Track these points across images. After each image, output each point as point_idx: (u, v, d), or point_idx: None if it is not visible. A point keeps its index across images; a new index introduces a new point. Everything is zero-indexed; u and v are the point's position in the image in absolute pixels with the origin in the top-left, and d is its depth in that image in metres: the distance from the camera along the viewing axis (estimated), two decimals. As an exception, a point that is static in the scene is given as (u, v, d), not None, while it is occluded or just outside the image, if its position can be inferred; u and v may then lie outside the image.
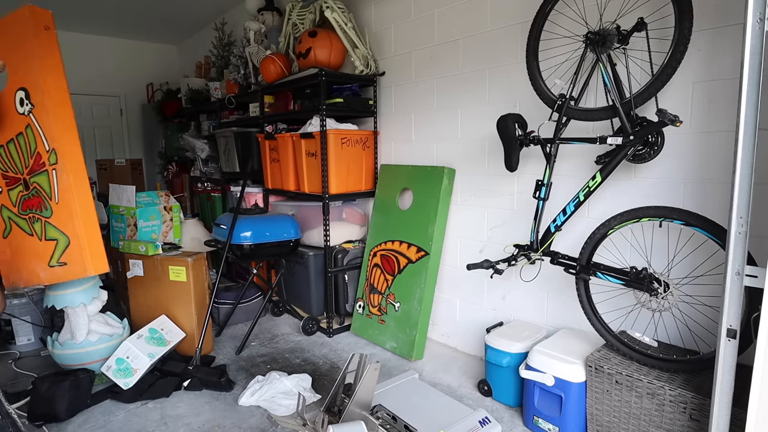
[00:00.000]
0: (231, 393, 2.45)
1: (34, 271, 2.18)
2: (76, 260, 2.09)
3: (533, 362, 2.06)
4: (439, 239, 2.85)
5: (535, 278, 2.39)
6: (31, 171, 2.14)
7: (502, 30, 2.52)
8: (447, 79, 2.85)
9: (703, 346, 1.83)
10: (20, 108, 2.08)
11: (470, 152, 2.76)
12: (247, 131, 3.71)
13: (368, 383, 1.96)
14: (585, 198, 1.98)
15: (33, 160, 2.12)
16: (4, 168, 2.22)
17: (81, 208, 2.09)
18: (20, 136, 2.12)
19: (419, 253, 2.87)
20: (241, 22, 4.43)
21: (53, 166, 2.08)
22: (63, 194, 2.09)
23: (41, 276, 2.17)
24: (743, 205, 1.29)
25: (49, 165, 2.08)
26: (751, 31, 1.24)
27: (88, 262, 2.09)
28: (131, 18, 5.40)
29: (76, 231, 2.08)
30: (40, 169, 2.11)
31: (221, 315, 3.39)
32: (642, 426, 1.77)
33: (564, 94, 2.03)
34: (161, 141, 6.02)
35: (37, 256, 2.17)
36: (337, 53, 3.26)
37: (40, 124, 2.06)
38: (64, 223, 2.10)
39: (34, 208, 2.17)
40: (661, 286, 1.77)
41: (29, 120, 2.06)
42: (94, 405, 2.34)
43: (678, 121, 1.65)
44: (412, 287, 2.87)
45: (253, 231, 3.04)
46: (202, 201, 4.85)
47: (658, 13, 1.86)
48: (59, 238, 2.12)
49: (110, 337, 2.59)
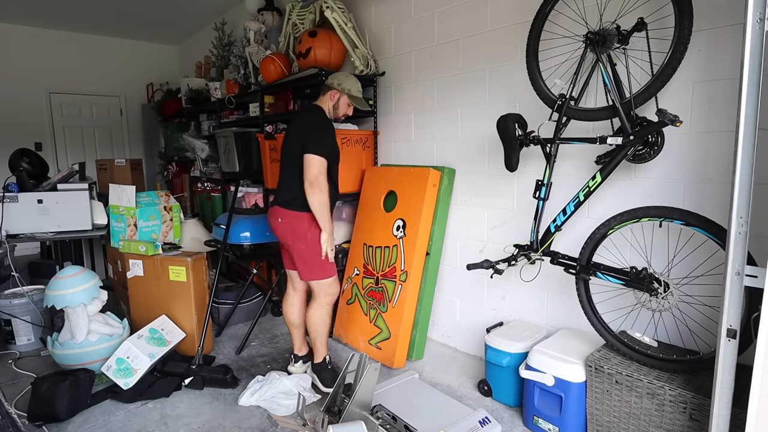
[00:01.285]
0: (231, 393, 2.45)
1: (357, 338, 2.95)
2: (389, 351, 2.74)
3: (533, 362, 2.06)
4: (439, 239, 2.85)
5: (535, 278, 2.38)
6: (384, 275, 2.88)
7: (502, 30, 2.52)
8: (447, 79, 2.85)
9: (703, 346, 1.83)
10: (396, 232, 2.86)
11: (470, 152, 2.76)
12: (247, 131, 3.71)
13: (368, 383, 1.97)
14: (585, 198, 1.98)
15: (389, 269, 2.85)
16: (366, 261, 3.01)
17: (406, 318, 2.72)
18: (387, 249, 2.90)
19: (420, 254, 2.89)
20: (241, 22, 4.43)
21: (402, 282, 2.76)
22: (400, 303, 2.75)
23: (360, 345, 2.92)
24: (743, 205, 1.29)
25: (399, 280, 2.77)
26: (751, 31, 1.24)
27: (395, 356, 2.70)
28: (131, 18, 5.40)
29: (398, 333, 2.71)
30: (391, 278, 2.83)
31: (221, 315, 3.39)
32: (642, 426, 1.77)
33: (564, 94, 2.03)
34: (161, 141, 6.02)
35: (363, 331, 2.93)
36: (337, 53, 3.26)
37: (405, 251, 2.78)
38: (392, 322, 2.77)
39: (375, 299, 2.91)
40: (661, 286, 1.77)
41: (398, 243, 2.83)
42: (94, 405, 2.34)
43: (678, 121, 1.65)
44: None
45: (252, 231, 3.04)
46: (202, 201, 4.84)
47: (658, 13, 1.86)
48: (383, 330, 2.81)
49: (110, 337, 2.59)
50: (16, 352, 2.98)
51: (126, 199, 3.12)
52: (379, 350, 2.79)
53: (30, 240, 3.15)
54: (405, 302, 2.72)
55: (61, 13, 5.17)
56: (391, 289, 2.82)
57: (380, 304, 2.86)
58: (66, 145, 6.10)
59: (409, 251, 2.76)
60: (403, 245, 2.80)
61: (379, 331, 2.82)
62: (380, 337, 2.81)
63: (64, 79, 5.95)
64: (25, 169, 3.26)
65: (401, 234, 2.82)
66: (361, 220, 3.14)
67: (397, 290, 2.78)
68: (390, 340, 2.75)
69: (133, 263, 2.91)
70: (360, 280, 3.04)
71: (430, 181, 2.75)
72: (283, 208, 2.35)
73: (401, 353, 2.72)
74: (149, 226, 3.15)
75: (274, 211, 2.40)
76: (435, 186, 2.78)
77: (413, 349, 2.81)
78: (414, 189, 2.81)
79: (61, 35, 5.85)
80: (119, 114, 6.48)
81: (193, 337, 2.80)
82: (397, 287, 2.78)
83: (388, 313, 2.80)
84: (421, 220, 2.73)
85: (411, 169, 2.92)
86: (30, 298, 3.02)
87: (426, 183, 2.75)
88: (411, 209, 2.80)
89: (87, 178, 3.82)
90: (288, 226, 2.34)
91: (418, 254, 2.74)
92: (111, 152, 6.39)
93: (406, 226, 2.80)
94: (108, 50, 6.18)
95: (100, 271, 4.30)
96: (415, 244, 2.73)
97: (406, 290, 2.73)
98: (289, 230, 2.34)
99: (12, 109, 5.63)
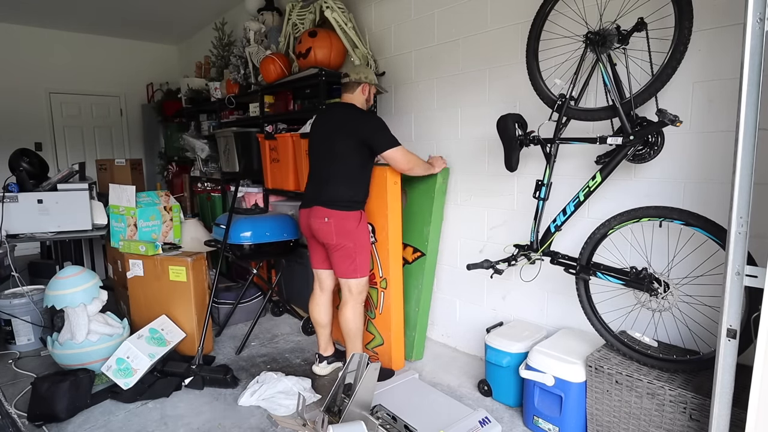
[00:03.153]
0: (231, 393, 2.45)
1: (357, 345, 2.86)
2: (384, 356, 2.75)
3: (533, 362, 2.06)
4: (435, 239, 2.84)
5: (535, 278, 2.38)
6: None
7: (502, 30, 2.52)
8: (447, 79, 2.85)
9: (703, 346, 1.83)
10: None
11: (470, 152, 2.76)
12: (247, 131, 3.71)
13: (368, 383, 1.97)
14: (585, 198, 1.98)
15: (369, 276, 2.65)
16: None
17: (395, 324, 2.70)
18: None
19: (415, 254, 2.86)
20: (241, 22, 4.43)
21: (383, 289, 2.71)
22: (386, 309, 2.72)
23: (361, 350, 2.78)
24: (743, 205, 1.29)
25: (380, 287, 2.73)
26: (751, 31, 1.24)
27: (392, 361, 2.71)
28: (132, 18, 5.40)
29: (389, 338, 2.71)
30: (372, 286, 2.75)
31: (221, 315, 3.39)
32: (642, 426, 1.77)
33: (564, 94, 2.03)
34: (161, 141, 6.02)
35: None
36: (337, 53, 3.26)
37: (380, 257, 2.69)
38: (382, 328, 2.76)
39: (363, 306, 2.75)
40: (661, 286, 1.77)
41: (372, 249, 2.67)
42: (94, 405, 2.34)
43: (678, 121, 1.65)
44: (409, 288, 2.86)
45: (253, 231, 3.04)
46: (202, 201, 4.85)
47: (658, 13, 1.86)
48: (376, 336, 2.80)
49: (110, 337, 2.59)
50: (16, 352, 2.98)
51: (126, 199, 3.12)
52: (375, 355, 2.80)
53: (30, 240, 3.15)
54: (390, 308, 2.68)
55: (61, 13, 5.17)
56: (375, 297, 2.77)
57: (368, 311, 2.82)
58: (66, 145, 6.10)
59: (384, 257, 2.67)
60: (377, 251, 2.71)
61: (372, 337, 2.82)
62: (374, 342, 2.81)
63: (64, 79, 5.95)
64: (25, 169, 3.26)
65: (372, 239, 2.70)
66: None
67: (380, 297, 2.74)
68: (384, 345, 2.74)
69: (133, 263, 2.91)
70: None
71: (390, 179, 2.58)
72: (328, 208, 2.36)
73: (397, 357, 2.71)
74: (149, 226, 3.15)
75: (317, 211, 2.38)
76: (396, 184, 2.62)
77: (412, 349, 2.81)
78: (374, 190, 2.60)
79: (61, 35, 5.85)
80: (119, 114, 6.48)
81: (193, 337, 2.80)
82: (380, 294, 2.73)
83: (376, 319, 2.78)
84: (388, 223, 2.61)
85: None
86: (30, 298, 3.02)
87: (386, 182, 2.58)
88: (377, 213, 2.67)
89: (87, 178, 3.82)
90: (334, 225, 2.36)
91: (394, 259, 2.66)
92: (111, 152, 6.39)
93: (375, 230, 2.70)
94: (108, 50, 6.18)
95: (100, 271, 4.30)
96: (388, 249, 2.63)
97: (389, 297, 2.68)
98: (335, 229, 2.36)
99: (12, 109, 5.63)
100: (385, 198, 2.61)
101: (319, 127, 2.51)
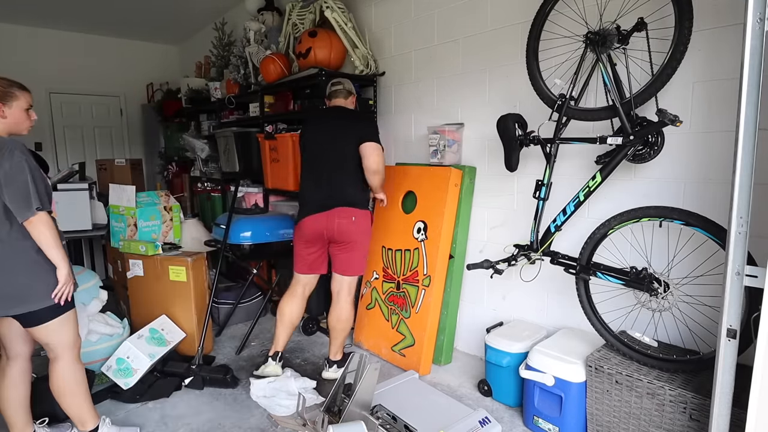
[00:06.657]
0: (231, 393, 2.45)
1: (379, 344, 2.89)
2: (413, 358, 2.66)
3: (533, 362, 2.06)
4: (462, 241, 2.78)
5: (535, 278, 2.38)
6: (406, 280, 2.80)
7: (502, 30, 2.52)
8: (447, 79, 2.85)
9: (703, 346, 1.83)
10: (416, 234, 2.77)
11: (470, 152, 2.76)
12: (247, 131, 3.71)
13: (368, 383, 1.96)
14: (585, 198, 1.98)
15: (410, 274, 2.77)
16: (385, 264, 2.93)
17: (430, 324, 2.64)
18: (407, 252, 2.81)
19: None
20: (241, 22, 4.42)
21: (425, 287, 2.67)
22: (424, 309, 2.67)
23: (383, 351, 2.86)
24: (743, 205, 1.29)
25: (422, 285, 2.69)
26: (751, 31, 1.24)
27: (421, 363, 2.62)
28: (132, 18, 5.39)
29: (422, 339, 2.64)
30: (414, 283, 2.74)
31: (221, 315, 3.39)
32: (642, 426, 1.77)
33: (564, 94, 2.03)
34: (161, 141, 6.02)
35: (385, 337, 2.86)
36: (337, 53, 3.26)
37: (427, 254, 2.69)
38: (415, 329, 2.69)
39: (397, 304, 2.83)
40: (661, 286, 1.77)
41: (419, 246, 2.74)
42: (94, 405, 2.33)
43: (678, 121, 1.65)
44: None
45: (253, 231, 3.04)
46: (202, 201, 4.84)
47: (658, 13, 1.86)
48: (407, 336, 2.73)
49: (110, 337, 2.59)
50: (16, 352, 2.97)
51: (126, 199, 3.12)
52: (404, 357, 2.71)
53: (30, 240, 3.14)
54: (429, 308, 2.63)
55: (61, 13, 5.16)
56: (414, 294, 2.73)
57: (402, 310, 2.78)
58: (66, 145, 6.09)
59: (432, 255, 2.66)
60: (425, 248, 2.70)
61: (402, 338, 2.74)
62: (404, 343, 2.73)
63: (64, 79, 5.94)
64: (25, 169, 3.25)
65: (422, 237, 2.72)
66: (377, 222, 3.03)
67: (420, 295, 2.69)
68: (414, 347, 2.67)
69: (133, 263, 2.91)
70: (380, 285, 2.96)
71: (452, 180, 2.62)
72: (352, 208, 2.41)
73: (426, 360, 2.65)
74: (149, 226, 3.15)
75: (342, 212, 2.39)
76: (457, 186, 2.65)
77: (441, 354, 2.74)
78: (434, 189, 2.69)
79: (61, 35, 5.84)
80: (119, 114, 6.47)
81: (193, 337, 2.80)
82: (420, 292, 2.69)
83: (411, 319, 2.72)
84: (443, 222, 2.62)
85: (431, 168, 2.78)
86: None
87: (447, 183, 2.62)
88: (432, 211, 2.70)
89: (87, 178, 3.82)
90: (358, 225, 2.42)
91: (442, 258, 2.64)
92: (111, 152, 6.38)
93: (428, 228, 2.70)
94: (108, 50, 6.17)
95: (100, 271, 4.30)
96: (438, 247, 2.63)
97: (430, 295, 2.64)
98: (358, 228, 2.43)
99: (12, 109, 5.62)
100: (444, 198, 2.65)
101: (320, 132, 2.50)
